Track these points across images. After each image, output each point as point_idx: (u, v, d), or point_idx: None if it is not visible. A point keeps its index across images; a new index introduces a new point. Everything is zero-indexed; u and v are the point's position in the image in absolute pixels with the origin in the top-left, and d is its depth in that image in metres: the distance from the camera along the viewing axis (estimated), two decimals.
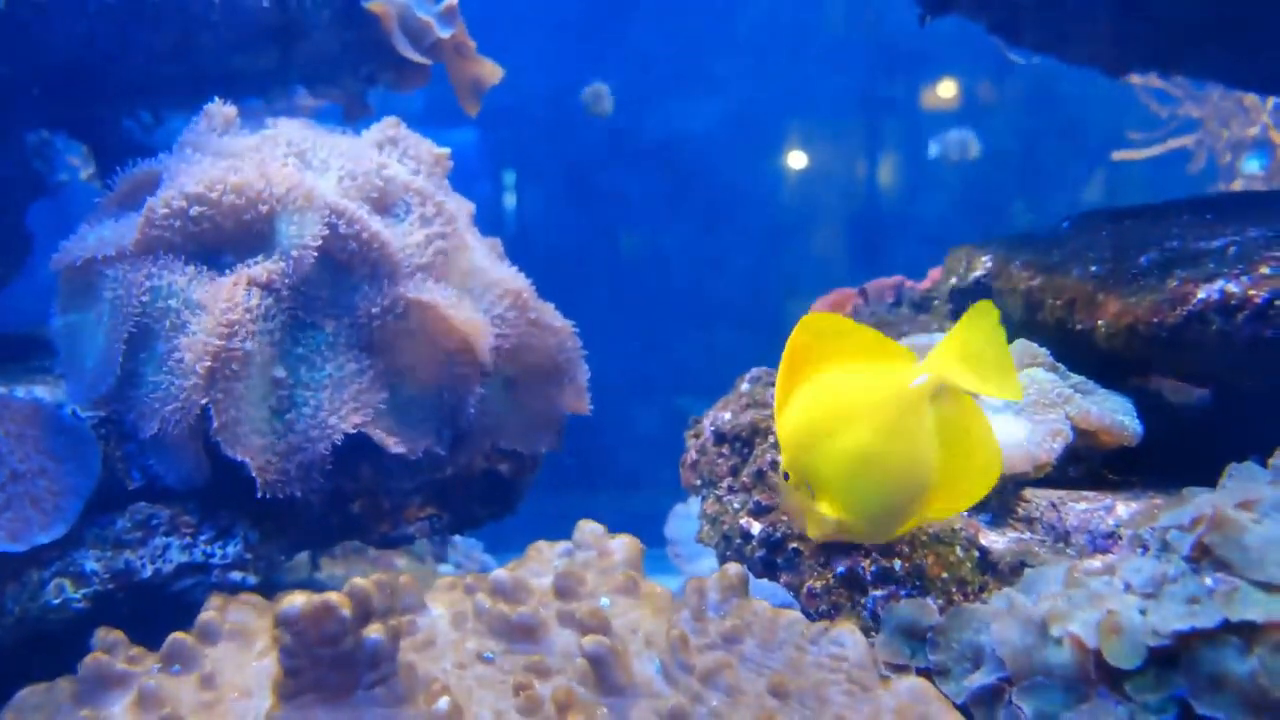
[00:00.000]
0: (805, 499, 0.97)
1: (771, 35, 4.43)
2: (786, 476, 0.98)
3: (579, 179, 4.36)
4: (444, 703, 0.88)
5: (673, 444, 1.67)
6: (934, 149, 3.79)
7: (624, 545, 1.15)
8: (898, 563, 1.11)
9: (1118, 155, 3.48)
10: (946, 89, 4.38)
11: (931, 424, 0.86)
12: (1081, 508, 1.10)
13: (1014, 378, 0.85)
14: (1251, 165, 3.45)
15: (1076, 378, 1.21)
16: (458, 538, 2.53)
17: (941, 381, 0.85)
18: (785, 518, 1.16)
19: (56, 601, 1.17)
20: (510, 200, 4.41)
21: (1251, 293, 1.05)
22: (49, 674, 1.08)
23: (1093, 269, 1.25)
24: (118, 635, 1.08)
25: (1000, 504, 1.14)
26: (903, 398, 0.87)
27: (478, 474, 1.48)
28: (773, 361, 1.66)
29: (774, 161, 4.50)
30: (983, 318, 0.85)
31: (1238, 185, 3.42)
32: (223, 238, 1.27)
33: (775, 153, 4.48)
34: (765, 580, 1.26)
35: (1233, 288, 1.07)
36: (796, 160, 4.51)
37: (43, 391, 1.26)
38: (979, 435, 0.89)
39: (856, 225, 4.44)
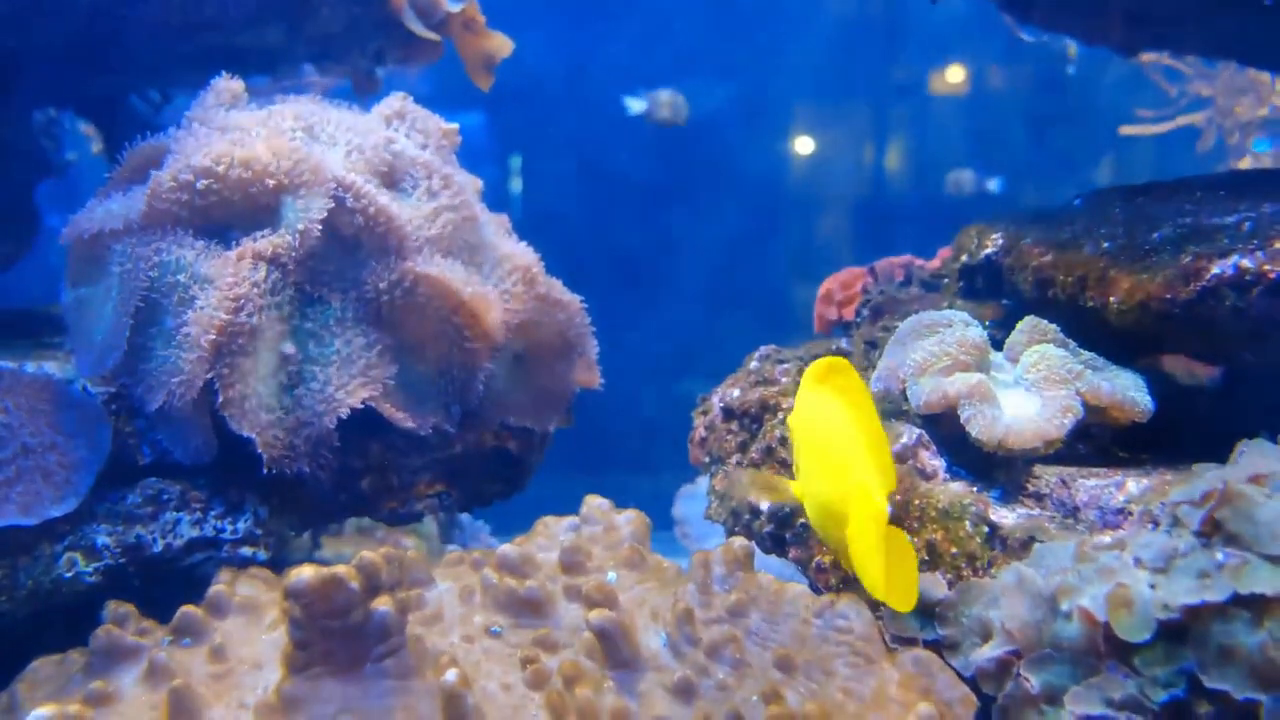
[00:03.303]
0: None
1: (780, 16, 4.40)
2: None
3: (586, 161, 4.33)
4: (452, 675, 0.88)
5: (679, 426, 1.67)
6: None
7: (630, 520, 1.15)
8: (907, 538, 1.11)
9: (1126, 130, 3.46)
10: (955, 72, 4.34)
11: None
12: (1091, 484, 1.09)
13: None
14: (1261, 146, 3.42)
15: (1087, 354, 1.20)
16: (465, 518, 2.53)
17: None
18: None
19: (68, 575, 1.18)
20: (517, 183, 4.40)
21: (1266, 268, 1.04)
22: (61, 646, 1.09)
23: (1105, 245, 1.24)
24: (129, 608, 1.08)
25: (1010, 480, 1.13)
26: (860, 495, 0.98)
27: (487, 451, 1.48)
28: (780, 342, 1.66)
29: (782, 143, 4.47)
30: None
31: (1246, 164, 3.40)
32: (230, 212, 1.26)
33: (783, 134, 4.46)
34: (773, 556, 1.26)
35: (1247, 263, 1.06)
36: (804, 142, 4.48)
37: (53, 367, 1.26)
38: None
39: (864, 206, 4.42)
